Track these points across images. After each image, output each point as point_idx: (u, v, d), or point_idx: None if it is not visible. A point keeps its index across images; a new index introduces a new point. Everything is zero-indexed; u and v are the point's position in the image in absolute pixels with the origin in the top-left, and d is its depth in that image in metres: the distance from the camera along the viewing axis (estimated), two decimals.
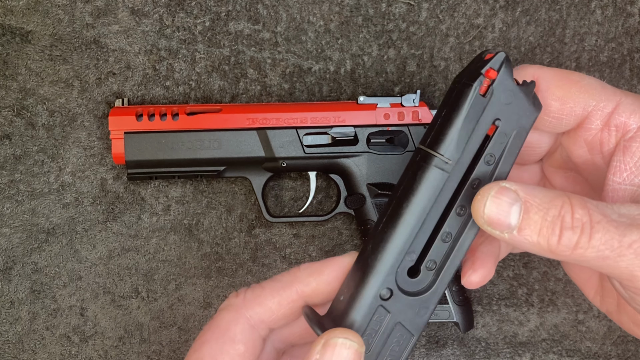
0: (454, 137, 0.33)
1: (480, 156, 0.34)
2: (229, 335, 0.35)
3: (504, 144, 0.34)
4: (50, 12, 0.60)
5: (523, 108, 0.33)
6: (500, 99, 0.33)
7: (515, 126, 0.34)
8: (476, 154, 0.33)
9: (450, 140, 0.33)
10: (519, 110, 0.33)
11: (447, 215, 0.34)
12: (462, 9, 0.61)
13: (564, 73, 0.35)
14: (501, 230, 0.32)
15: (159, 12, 0.61)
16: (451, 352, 0.61)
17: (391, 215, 0.34)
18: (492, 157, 0.34)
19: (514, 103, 0.33)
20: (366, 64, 0.61)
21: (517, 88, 0.33)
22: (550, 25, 0.61)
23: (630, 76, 0.61)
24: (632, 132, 0.33)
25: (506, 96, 0.33)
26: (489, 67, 0.33)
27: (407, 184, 0.34)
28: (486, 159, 0.34)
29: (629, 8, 0.61)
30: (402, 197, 0.34)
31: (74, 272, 0.61)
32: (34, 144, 0.60)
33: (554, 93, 0.35)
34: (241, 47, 0.61)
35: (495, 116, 0.33)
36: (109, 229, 0.61)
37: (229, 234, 0.61)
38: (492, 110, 0.33)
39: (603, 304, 0.41)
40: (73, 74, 0.60)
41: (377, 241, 0.34)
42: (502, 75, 0.33)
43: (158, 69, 0.61)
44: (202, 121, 0.57)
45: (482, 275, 0.38)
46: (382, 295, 0.34)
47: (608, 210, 0.31)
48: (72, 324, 0.61)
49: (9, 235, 0.60)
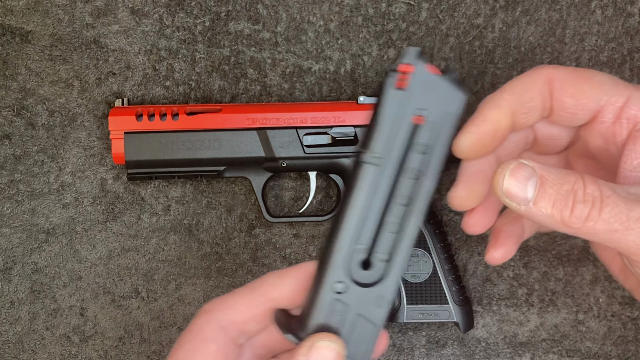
0: (379, 132, 0.34)
1: (411, 146, 0.35)
2: (201, 336, 0.37)
3: (435, 131, 0.35)
4: (50, 12, 0.60)
5: (448, 95, 0.35)
6: (420, 90, 0.34)
7: (442, 113, 0.35)
8: (407, 145, 0.35)
9: (376, 135, 0.34)
10: (444, 98, 0.35)
11: (390, 207, 0.35)
12: (462, 9, 0.61)
13: (577, 71, 0.37)
14: (518, 203, 0.34)
15: (159, 12, 0.61)
16: (451, 352, 0.61)
17: (337, 215, 0.36)
18: (425, 146, 0.35)
19: (437, 92, 0.35)
20: (366, 64, 0.61)
21: (436, 77, 0.35)
22: (550, 25, 0.61)
23: (630, 76, 0.61)
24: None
25: (426, 87, 0.35)
26: (403, 62, 0.35)
27: (348, 184, 0.35)
28: (419, 149, 0.35)
29: (629, 8, 0.61)
30: (345, 196, 0.36)
31: (73, 272, 0.61)
32: (33, 144, 0.60)
33: (567, 90, 0.37)
34: (241, 47, 0.61)
35: (418, 107, 0.35)
36: (108, 229, 0.61)
37: (229, 234, 0.61)
38: (413, 101, 0.35)
39: (626, 281, 0.43)
40: (73, 74, 0.60)
41: (326, 240, 0.36)
42: (417, 68, 0.34)
43: (158, 69, 0.61)
44: (202, 121, 0.57)
45: (503, 253, 0.41)
46: (336, 289, 0.35)
47: (618, 189, 0.33)
48: (72, 324, 0.61)
49: (8, 235, 0.60)
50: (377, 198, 0.35)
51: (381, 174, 0.35)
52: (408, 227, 0.35)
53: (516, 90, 0.38)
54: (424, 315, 0.57)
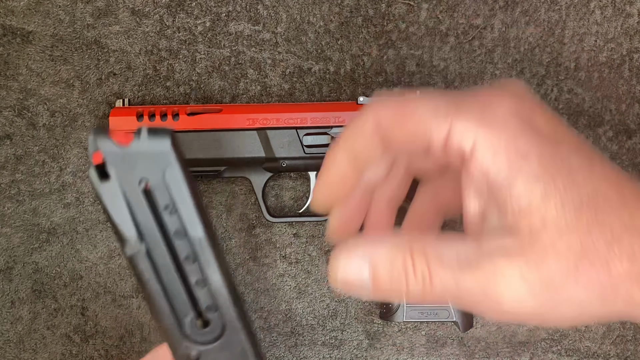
0: (120, 224, 0.33)
1: (158, 216, 0.34)
2: None
3: (167, 188, 0.33)
4: (51, 13, 0.60)
5: (151, 151, 0.32)
6: (123, 169, 0.32)
7: (159, 168, 0.33)
8: (153, 217, 0.34)
9: (119, 228, 0.33)
10: (150, 156, 0.32)
11: (184, 272, 0.35)
12: (461, 9, 0.61)
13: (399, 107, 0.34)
14: (359, 292, 0.33)
15: (160, 12, 0.61)
16: (451, 351, 0.61)
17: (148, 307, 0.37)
18: (167, 205, 0.34)
19: (140, 156, 0.32)
20: (366, 64, 0.61)
21: (126, 148, 0.32)
22: (549, 25, 0.61)
23: (629, 76, 0.61)
24: (467, 155, 0.32)
25: (126, 163, 0.32)
26: (92, 152, 0.32)
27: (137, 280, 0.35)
28: (166, 211, 0.34)
29: (628, 8, 0.61)
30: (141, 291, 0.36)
31: (74, 272, 0.61)
32: (35, 144, 0.61)
33: (394, 132, 0.34)
34: (241, 47, 0.61)
35: (135, 180, 0.33)
36: (109, 229, 0.61)
37: (229, 234, 0.61)
38: (126, 181, 0.33)
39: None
40: (74, 74, 0.61)
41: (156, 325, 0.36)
42: (104, 150, 0.32)
43: (159, 70, 0.61)
44: (203, 121, 0.57)
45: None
46: (192, 359, 0.36)
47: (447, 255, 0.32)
48: (72, 323, 0.61)
49: (10, 235, 0.61)
50: (167, 274, 0.34)
51: (152, 254, 0.34)
52: (211, 275, 0.35)
53: (350, 138, 0.35)
54: (423, 314, 0.58)
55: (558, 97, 0.62)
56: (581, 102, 0.62)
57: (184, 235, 0.34)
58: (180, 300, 0.35)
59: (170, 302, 0.35)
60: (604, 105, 0.62)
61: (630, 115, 0.62)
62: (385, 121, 0.35)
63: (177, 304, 0.35)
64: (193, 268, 0.35)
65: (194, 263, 0.35)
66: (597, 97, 0.62)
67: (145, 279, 0.34)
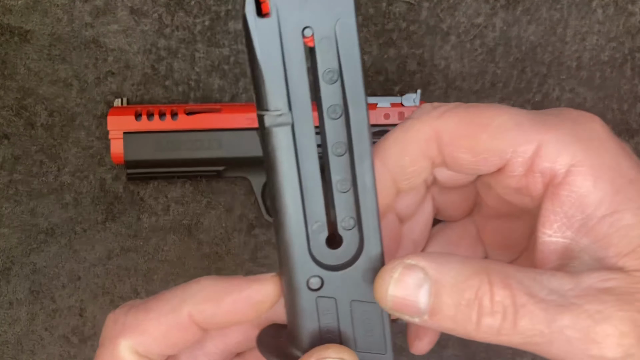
0: (267, 82, 0.26)
1: (316, 81, 0.27)
2: None
3: (334, 47, 0.26)
4: (49, 12, 0.60)
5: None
6: (289, 6, 0.26)
7: (333, 21, 0.26)
8: (310, 81, 0.27)
9: (264, 88, 0.26)
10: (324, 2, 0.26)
11: (327, 164, 0.28)
12: (462, 7, 0.61)
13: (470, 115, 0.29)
14: (411, 315, 0.27)
15: (158, 11, 0.60)
16: (452, 352, 0.61)
17: (271, 202, 0.28)
18: (331, 71, 0.27)
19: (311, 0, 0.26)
20: (366, 64, 0.61)
21: None
22: (551, 24, 0.61)
23: (631, 75, 0.61)
24: (559, 178, 0.28)
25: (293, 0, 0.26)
26: None
27: (265, 161, 0.28)
28: (326, 78, 0.27)
29: (630, 7, 0.61)
30: (268, 177, 0.28)
31: (73, 273, 0.60)
32: (33, 143, 0.60)
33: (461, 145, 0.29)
34: (241, 46, 0.61)
35: (299, 26, 0.26)
36: (108, 229, 0.60)
37: (228, 234, 0.61)
38: (288, 23, 0.26)
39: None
40: (72, 73, 0.60)
41: (277, 238, 0.28)
42: None
43: (157, 69, 0.60)
44: (202, 121, 0.57)
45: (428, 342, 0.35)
46: (311, 286, 0.28)
47: (536, 287, 0.26)
48: (71, 324, 0.60)
49: (7, 235, 0.60)
50: (306, 162, 0.27)
51: (296, 131, 0.27)
52: (362, 176, 0.28)
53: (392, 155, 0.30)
54: None
55: (560, 97, 0.61)
56: (583, 101, 0.62)
57: (340, 115, 0.27)
58: (312, 202, 0.28)
59: (297, 204, 0.27)
60: (605, 104, 0.61)
61: (632, 115, 0.62)
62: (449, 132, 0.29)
63: (308, 206, 0.27)
64: (340, 162, 0.28)
65: (342, 155, 0.28)
66: (599, 96, 0.62)
67: (280, 160, 0.27)
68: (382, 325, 0.29)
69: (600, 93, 0.61)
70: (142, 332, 0.30)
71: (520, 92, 0.61)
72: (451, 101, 0.62)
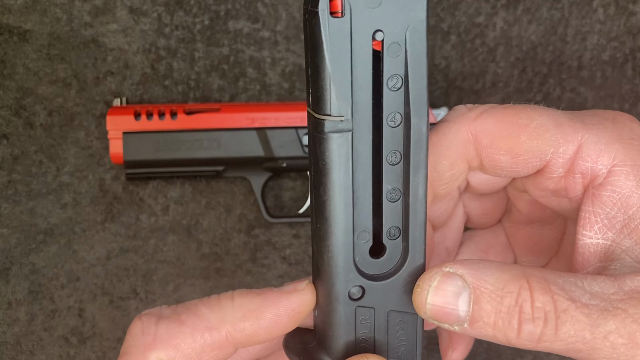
0: (332, 85, 0.25)
1: (380, 85, 0.26)
2: None
3: (402, 54, 0.25)
4: (48, 11, 0.60)
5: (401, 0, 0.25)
6: (362, 7, 0.24)
7: (404, 26, 0.25)
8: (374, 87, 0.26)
9: (329, 91, 0.25)
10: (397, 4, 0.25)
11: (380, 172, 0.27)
12: (463, 7, 0.61)
13: (507, 116, 0.29)
14: (450, 324, 0.27)
15: (158, 10, 0.60)
16: None
17: (316, 208, 0.27)
18: (396, 76, 0.26)
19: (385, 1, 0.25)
20: None
21: None
22: (552, 23, 0.61)
23: (632, 75, 0.61)
24: (601, 178, 0.27)
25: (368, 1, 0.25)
26: None
27: (314, 165, 0.27)
28: (390, 85, 0.26)
29: (631, 7, 0.61)
30: (317, 182, 0.27)
31: (72, 273, 0.60)
32: (32, 143, 0.60)
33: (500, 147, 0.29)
34: (240, 46, 0.60)
35: (370, 29, 0.25)
36: (107, 229, 0.60)
37: (228, 235, 0.61)
38: (359, 25, 0.25)
39: None
40: (71, 73, 0.60)
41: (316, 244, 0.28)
42: None
43: (157, 68, 0.60)
44: (201, 121, 0.57)
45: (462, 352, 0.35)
46: (352, 296, 0.28)
47: (577, 292, 0.25)
48: (70, 325, 0.60)
49: (6, 235, 0.60)
50: (360, 170, 0.26)
51: (354, 138, 0.26)
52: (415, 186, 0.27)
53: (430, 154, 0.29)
54: None
55: (560, 96, 0.61)
56: (584, 101, 0.61)
57: (399, 123, 0.26)
58: (361, 210, 0.27)
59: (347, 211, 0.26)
60: (606, 104, 0.61)
61: (633, 114, 0.61)
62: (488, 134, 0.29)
63: (356, 214, 0.27)
64: (393, 170, 0.27)
65: (396, 164, 0.27)
66: (600, 96, 0.61)
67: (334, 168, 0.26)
68: (415, 335, 0.29)
69: (601, 93, 0.61)
70: (175, 347, 0.29)
71: (521, 92, 0.61)
72: (452, 101, 0.62)
